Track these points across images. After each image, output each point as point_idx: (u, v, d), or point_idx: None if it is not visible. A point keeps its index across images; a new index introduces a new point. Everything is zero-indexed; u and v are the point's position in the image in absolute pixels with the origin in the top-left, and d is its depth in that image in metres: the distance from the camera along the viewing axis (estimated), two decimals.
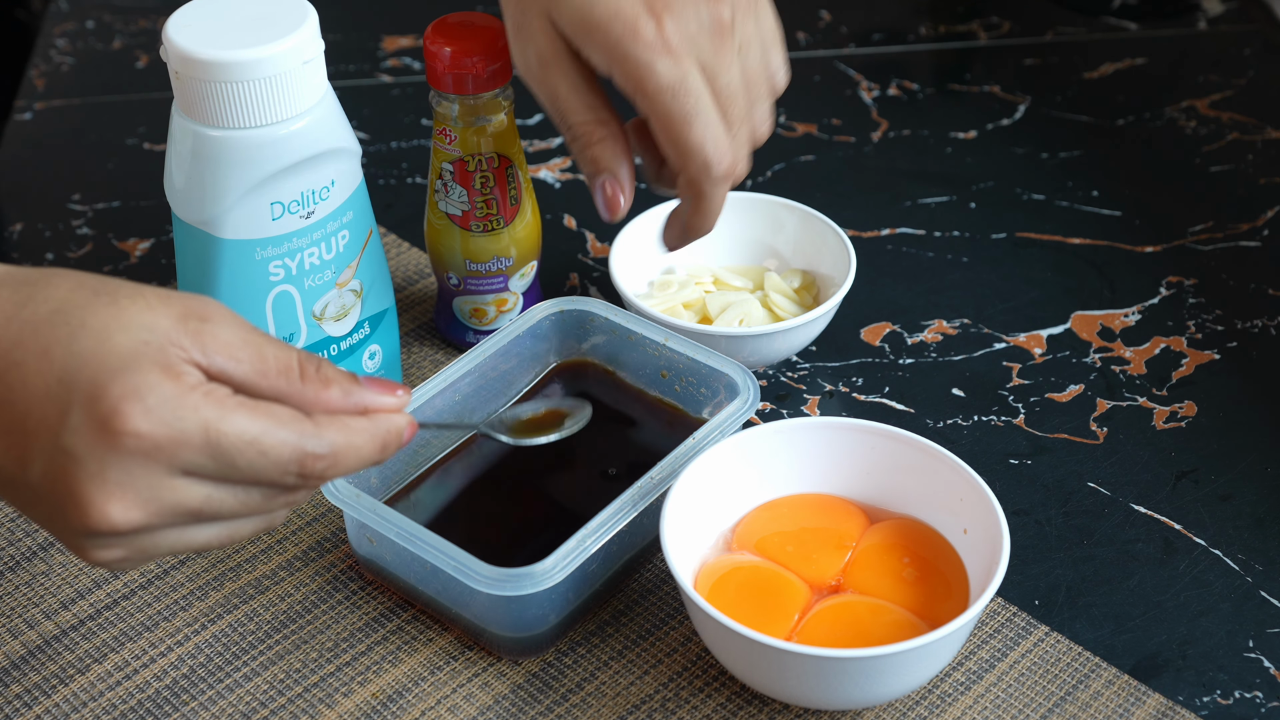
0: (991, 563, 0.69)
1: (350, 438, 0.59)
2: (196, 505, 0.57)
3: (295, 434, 0.57)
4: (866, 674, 0.67)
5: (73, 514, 0.56)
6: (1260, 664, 0.74)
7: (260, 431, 0.56)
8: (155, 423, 0.54)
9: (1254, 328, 0.93)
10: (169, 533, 0.58)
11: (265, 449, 0.56)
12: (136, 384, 0.55)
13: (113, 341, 0.55)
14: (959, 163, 1.07)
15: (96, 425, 0.54)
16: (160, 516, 0.56)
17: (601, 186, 0.76)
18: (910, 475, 0.75)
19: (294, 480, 0.58)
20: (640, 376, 0.84)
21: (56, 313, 0.57)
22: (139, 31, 1.23)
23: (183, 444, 0.55)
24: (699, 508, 0.74)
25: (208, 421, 0.55)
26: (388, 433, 0.60)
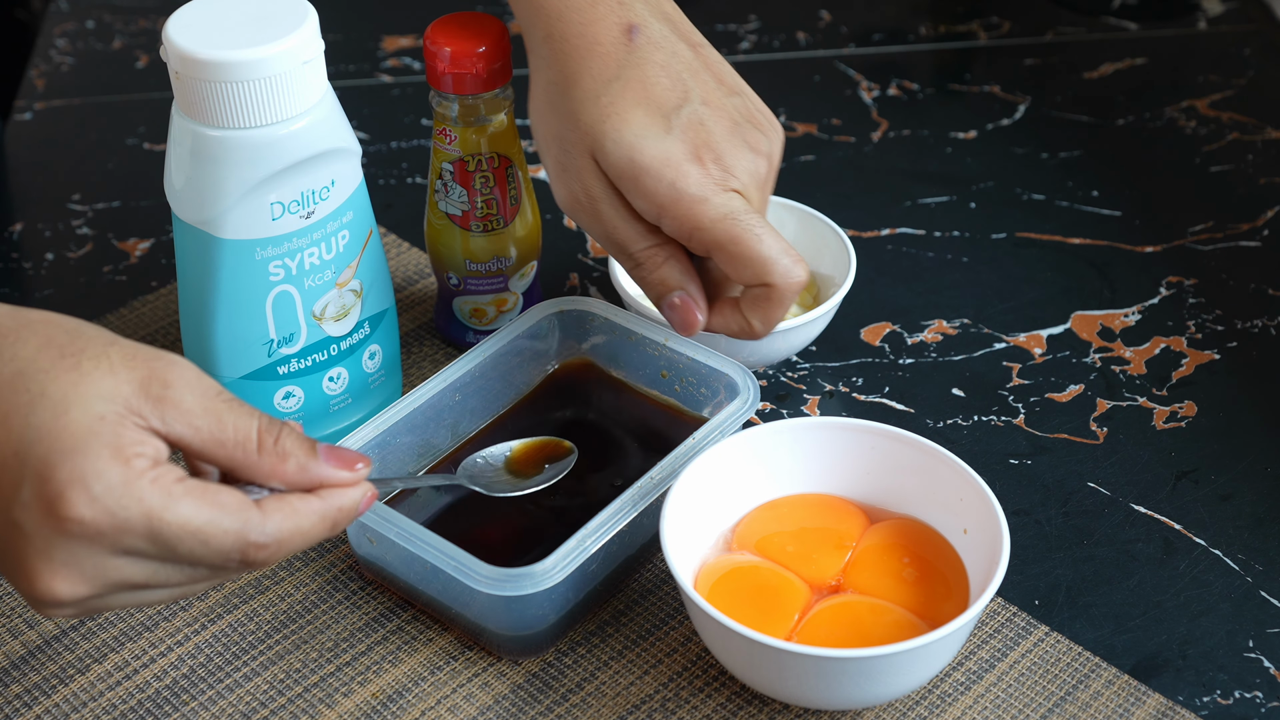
0: (991, 563, 0.69)
1: (297, 522, 0.59)
2: (141, 580, 0.58)
3: (239, 523, 0.58)
4: (866, 674, 0.67)
5: (22, 582, 0.57)
6: (1260, 664, 0.74)
7: (204, 522, 0.57)
8: (99, 511, 0.55)
9: (1254, 328, 0.93)
10: (118, 597, 0.59)
11: (207, 539, 0.57)
12: (84, 470, 0.55)
13: (68, 417, 0.56)
14: (959, 163, 1.07)
15: (43, 506, 0.55)
16: (105, 589, 0.58)
17: (672, 303, 0.75)
18: (910, 475, 0.75)
19: (236, 565, 0.59)
20: (640, 376, 0.84)
21: (19, 376, 0.57)
22: (139, 31, 1.23)
23: (125, 531, 0.56)
24: (699, 508, 0.74)
25: (150, 511, 0.56)
26: (339, 511, 0.61)
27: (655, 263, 0.74)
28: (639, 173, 0.71)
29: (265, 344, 0.78)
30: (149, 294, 0.96)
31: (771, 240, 0.72)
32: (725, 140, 0.73)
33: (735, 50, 1.20)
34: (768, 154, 0.75)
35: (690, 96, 0.73)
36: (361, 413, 0.83)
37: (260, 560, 0.59)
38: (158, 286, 0.97)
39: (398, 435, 0.77)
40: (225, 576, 0.61)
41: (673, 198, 0.71)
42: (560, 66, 0.74)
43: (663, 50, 0.74)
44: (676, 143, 0.72)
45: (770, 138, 0.75)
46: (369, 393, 0.84)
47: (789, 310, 0.75)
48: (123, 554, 0.57)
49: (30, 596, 0.58)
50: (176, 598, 0.61)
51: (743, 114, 0.75)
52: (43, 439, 0.56)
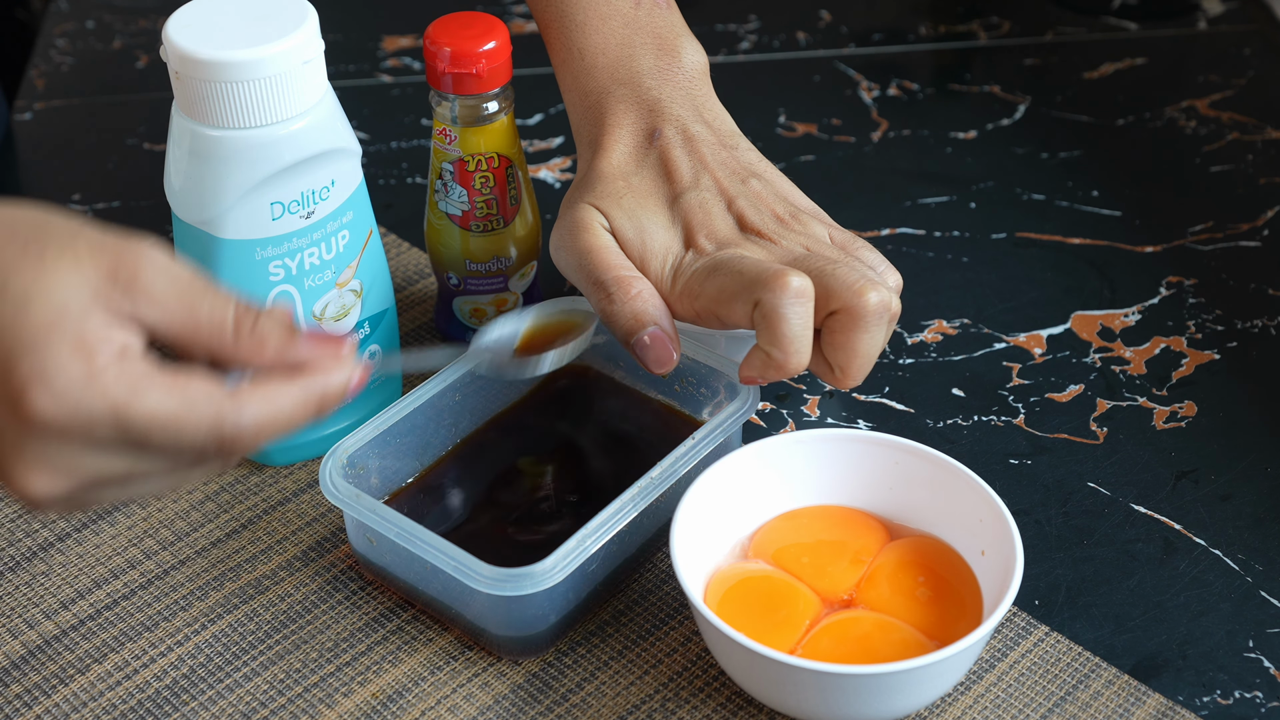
0: (1004, 587, 0.68)
1: (275, 408, 0.57)
2: (121, 472, 0.56)
3: (211, 413, 0.55)
4: (864, 691, 0.66)
5: (4, 480, 0.56)
6: (1260, 664, 0.74)
7: (172, 413, 0.55)
8: (62, 407, 0.54)
9: (1254, 328, 0.93)
10: (106, 490, 0.57)
11: (178, 431, 0.55)
12: (44, 365, 0.54)
13: (29, 311, 0.54)
14: (959, 163, 1.07)
15: (8, 403, 0.54)
16: (84, 484, 0.56)
17: (642, 342, 0.73)
18: (932, 492, 0.75)
19: (215, 455, 0.57)
20: (640, 377, 0.84)
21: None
22: (139, 31, 1.23)
23: (93, 424, 0.54)
24: (714, 514, 0.74)
25: (116, 404, 0.54)
26: (323, 394, 0.58)
27: (628, 292, 0.73)
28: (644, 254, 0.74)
29: None
30: None
31: (755, 258, 0.71)
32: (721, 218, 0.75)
33: (735, 50, 1.20)
34: (769, 202, 0.75)
35: (699, 183, 0.75)
36: (361, 413, 0.83)
37: (240, 448, 0.57)
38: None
39: (398, 435, 0.77)
40: (209, 466, 0.58)
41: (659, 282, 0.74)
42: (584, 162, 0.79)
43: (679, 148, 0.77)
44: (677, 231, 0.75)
45: (768, 178, 0.77)
46: (369, 393, 0.84)
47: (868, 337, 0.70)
48: (96, 449, 0.55)
49: (13, 494, 0.56)
50: (172, 488, 0.59)
51: (741, 175, 0.76)
52: (4, 335, 0.54)
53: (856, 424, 0.86)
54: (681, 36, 0.81)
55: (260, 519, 0.81)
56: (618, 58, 0.79)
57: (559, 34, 0.80)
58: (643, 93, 0.78)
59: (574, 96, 0.80)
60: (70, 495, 0.56)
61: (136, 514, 0.81)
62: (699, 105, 0.79)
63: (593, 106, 0.79)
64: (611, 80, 0.78)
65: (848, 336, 0.69)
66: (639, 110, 0.77)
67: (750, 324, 0.71)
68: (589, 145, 0.79)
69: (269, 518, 0.81)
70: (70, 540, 0.80)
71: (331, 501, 0.73)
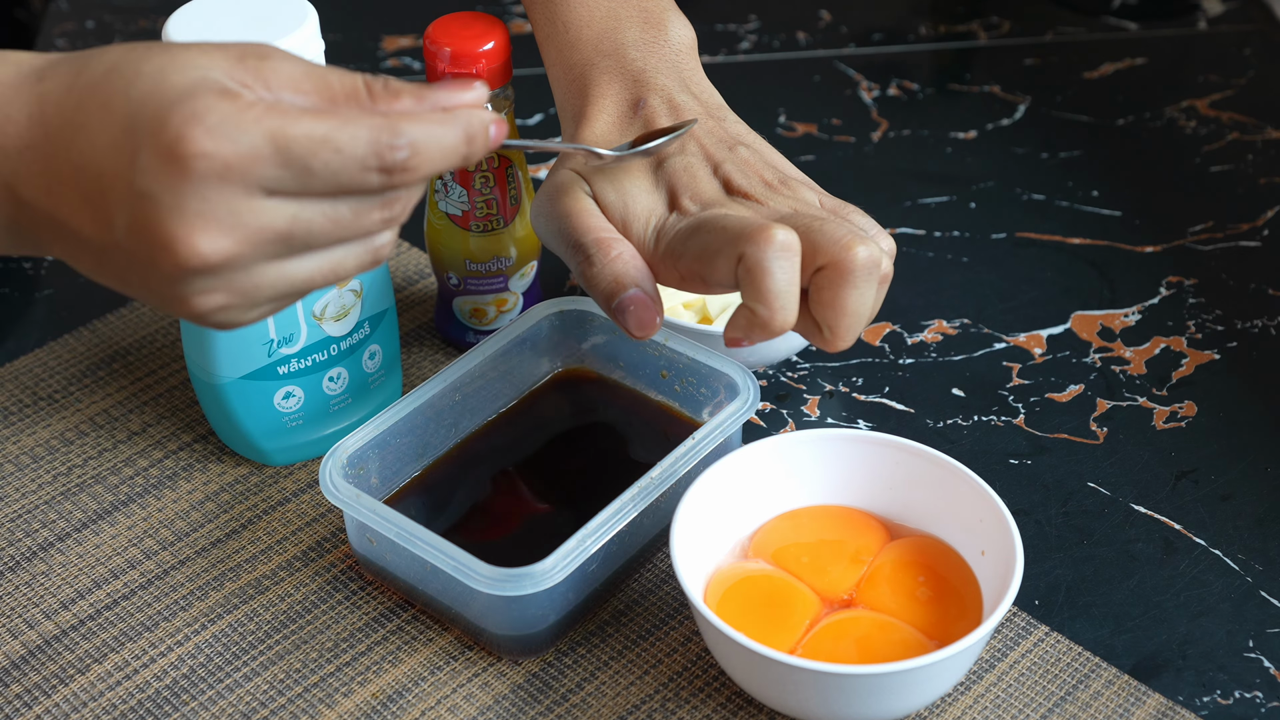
0: (1003, 587, 0.68)
1: (429, 128, 0.56)
2: (284, 225, 0.54)
3: (367, 127, 0.54)
4: (864, 691, 0.66)
5: (163, 259, 0.54)
6: (1260, 664, 0.74)
7: (330, 129, 0.54)
8: (220, 140, 0.52)
9: (1254, 328, 0.93)
10: (267, 267, 0.55)
11: (339, 145, 0.54)
12: (195, 108, 0.53)
13: (170, 80, 0.54)
14: (959, 163, 1.07)
15: (164, 157, 0.53)
16: (249, 243, 0.54)
17: (623, 304, 0.69)
18: (932, 492, 0.75)
19: (377, 179, 0.55)
20: (640, 376, 0.84)
21: (112, 69, 0.55)
22: (139, 31, 1.23)
23: (254, 157, 0.53)
24: (714, 514, 0.74)
25: (273, 130, 0.53)
26: (469, 124, 0.57)
27: (608, 253, 0.70)
28: (627, 219, 0.72)
29: (265, 344, 0.78)
30: None
31: (740, 215, 0.69)
32: (707, 181, 0.72)
33: (735, 50, 1.20)
34: (757, 167, 0.73)
35: (685, 149, 0.73)
36: (361, 413, 0.83)
37: (400, 164, 0.55)
38: None
39: (398, 435, 0.77)
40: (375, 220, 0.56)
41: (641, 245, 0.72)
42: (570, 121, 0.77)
43: (665, 118, 0.75)
44: (661, 195, 0.72)
45: (756, 147, 0.75)
46: (369, 393, 0.84)
47: (857, 294, 0.66)
48: (259, 191, 0.54)
49: (175, 270, 0.54)
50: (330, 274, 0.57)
51: (728, 143, 0.74)
52: (148, 103, 0.53)
53: (856, 424, 0.86)
54: (669, 11, 0.79)
55: (260, 519, 0.81)
56: (602, 30, 0.77)
57: (543, 7, 0.79)
58: (627, 64, 0.76)
59: (558, 70, 0.78)
60: (233, 260, 0.54)
61: (136, 514, 0.81)
62: (685, 78, 0.77)
63: (577, 79, 0.77)
64: (596, 52, 0.77)
65: (835, 293, 0.66)
66: (624, 81, 0.76)
67: (735, 282, 0.67)
68: (572, 118, 0.77)
69: (269, 518, 0.81)
70: (70, 540, 0.80)
71: (331, 501, 0.73)
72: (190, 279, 0.54)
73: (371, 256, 0.58)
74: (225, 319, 0.57)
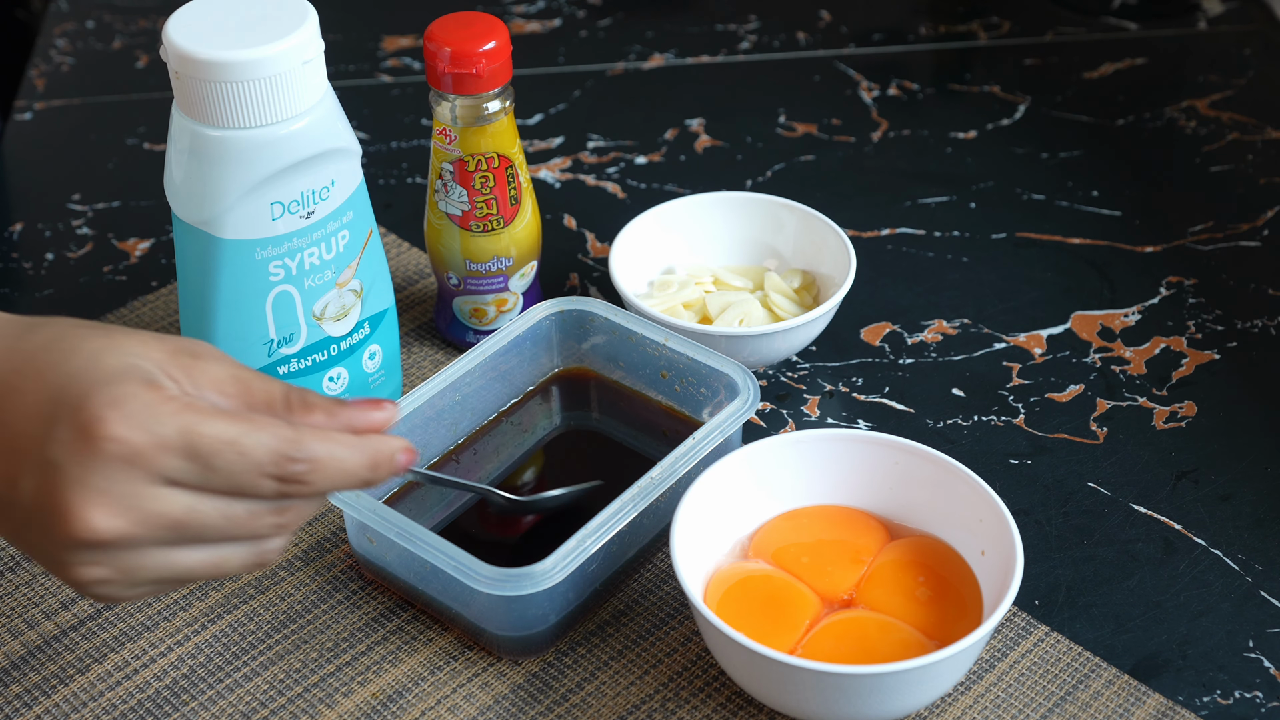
0: (1004, 587, 0.68)
1: (332, 448, 0.58)
2: (179, 515, 0.57)
3: (273, 437, 0.57)
4: (864, 691, 0.66)
5: (57, 526, 0.56)
6: (1260, 664, 0.74)
7: (238, 434, 0.57)
8: (134, 427, 0.55)
9: (1254, 328, 0.93)
10: (153, 552, 0.58)
11: (243, 449, 0.57)
12: (118, 394, 0.56)
13: (102, 362, 0.57)
14: (959, 163, 1.07)
15: (78, 433, 0.55)
16: (142, 526, 0.56)
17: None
18: (932, 492, 0.75)
19: (272, 486, 0.58)
20: (640, 376, 0.84)
21: (54, 340, 0.58)
22: (139, 31, 1.23)
23: (161, 448, 0.56)
24: (714, 514, 0.74)
25: (186, 425, 0.56)
26: (375, 452, 0.60)
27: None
28: None
29: (265, 344, 0.78)
30: (149, 294, 0.96)
31: None
32: None
33: (735, 50, 1.20)
34: None
35: None
36: None
37: (297, 476, 0.57)
38: (158, 286, 0.97)
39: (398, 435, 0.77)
40: (267, 525, 0.59)
41: None
42: None
43: None
44: None
45: None
46: (369, 393, 0.84)
47: None
48: (160, 479, 0.56)
49: (67, 538, 0.56)
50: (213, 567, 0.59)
51: None
52: (78, 380, 0.56)
53: (856, 424, 0.86)
54: None
55: None
56: None
57: None
58: None
59: None
60: (125, 539, 0.56)
61: None
62: None
63: None
64: None
65: None
66: None
67: None
68: None
69: None
70: None
71: (331, 501, 0.73)
72: (78, 550, 0.57)
73: (257, 558, 0.60)
74: (104, 592, 0.59)
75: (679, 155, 1.09)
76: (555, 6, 1.25)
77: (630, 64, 1.19)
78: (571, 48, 1.21)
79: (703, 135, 1.10)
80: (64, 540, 0.56)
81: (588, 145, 1.09)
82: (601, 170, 1.07)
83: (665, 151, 1.09)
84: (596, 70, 1.18)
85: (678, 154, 1.09)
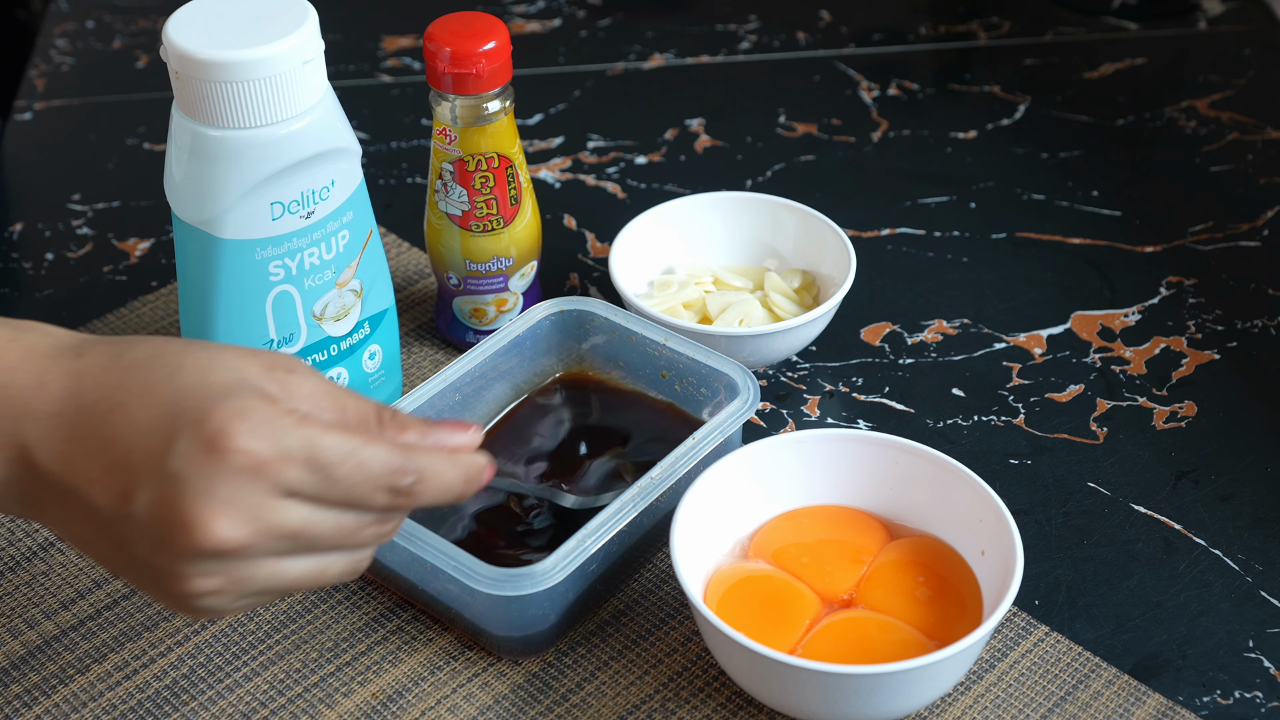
0: (1004, 587, 0.68)
1: (436, 463, 0.61)
2: (296, 526, 0.58)
3: (386, 450, 0.59)
4: (864, 691, 0.66)
5: (179, 536, 0.57)
6: (1260, 664, 0.74)
7: (355, 446, 0.58)
8: (260, 439, 0.57)
9: (1254, 328, 0.93)
10: (266, 563, 0.59)
11: (362, 461, 0.58)
12: (241, 407, 0.57)
13: (212, 376, 0.58)
14: (959, 163, 1.07)
15: (204, 446, 0.56)
16: (262, 536, 0.57)
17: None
18: (931, 492, 0.75)
19: (385, 498, 0.59)
20: (640, 377, 0.84)
21: (154, 357, 0.59)
22: (139, 31, 1.23)
23: (286, 459, 0.57)
24: (714, 514, 0.74)
25: (308, 438, 0.58)
26: (469, 467, 0.62)
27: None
28: None
29: (265, 344, 0.78)
30: (149, 294, 0.96)
31: None
32: None
33: (735, 50, 1.20)
34: None
35: None
36: None
37: (407, 489, 0.60)
38: (158, 286, 0.97)
39: None
40: (369, 535, 0.60)
41: None
42: None
43: None
44: None
45: None
46: (369, 393, 0.84)
47: None
48: (280, 491, 0.57)
49: (189, 548, 0.57)
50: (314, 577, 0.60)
51: None
52: (192, 394, 0.58)
53: (856, 424, 0.86)
54: None
55: None
56: None
57: None
58: None
59: None
60: (245, 548, 0.57)
61: None
62: None
63: None
64: None
65: None
66: None
67: None
68: None
69: None
70: None
71: None
72: (198, 560, 0.58)
73: (353, 567, 0.62)
74: (212, 604, 0.60)
75: (679, 155, 1.09)
76: (555, 6, 1.25)
77: (630, 64, 1.19)
78: (571, 48, 1.21)
79: (703, 135, 1.10)
80: (185, 551, 0.57)
81: (588, 145, 1.09)
82: (601, 170, 1.07)
83: (665, 151, 1.09)
84: (596, 70, 1.18)
85: (678, 154, 1.09)
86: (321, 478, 0.58)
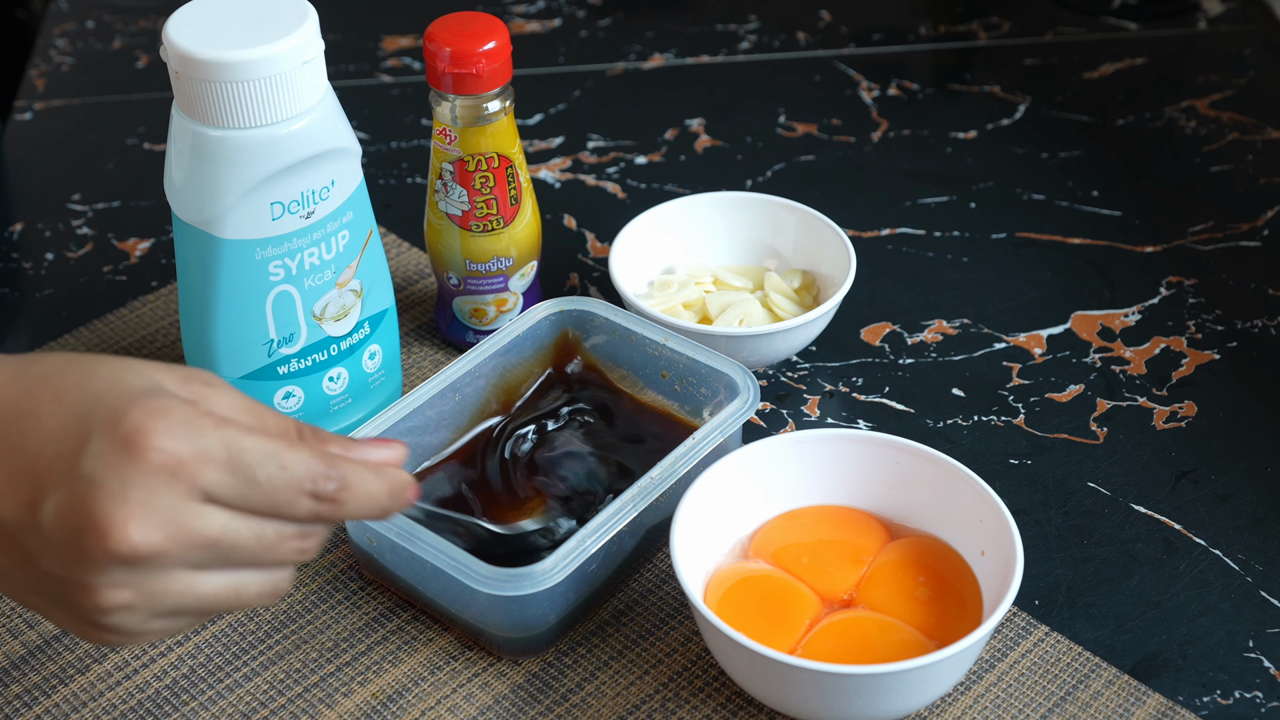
0: (1003, 587, 0.68)
1: (361, 473, 0.59)
2: (214, 533, 0.56)
3: (310, 455, 0.57)
4: (864, 691, 0.66)
5: (90, 541, 0.54)
6: (1260, 664, 0.74)
7: (278, 449, 0.57)
8: (178, 439, 0.55)
9: (1254, 328, 0.93)
10: (180, 575, 0.56)
11: (285, 463, 0.56)
12: (158, 406, 0.55)
13: (127, 381, 0.56)
14: (959, 163, 1.07)
15: (119, 445, 0.54)
16: (177, 543, 0.55)
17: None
18: (932, 492, 0.75)
19: (308, 505, 0.57)
20: (640, 376, 0.84)
21: (64, 365, 0.57)
22: (139, 31, 1.23)
23: (206, 460, 0.55)
24: (714, 514, 0.74)
25: (229, 439, 0.56)
26: (394, 481, 0.60)
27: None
28: None
29: (265, 344, 0.78)
30: (149, 294, 0.96)
31: None
32: None
33: (735, 50, 1.20)
34: None
35: None
36: (361, 413, 0.83)
37: (332, 499, 0.57)
38: (158, 286, 0.97)
39: (398, 435, 0.77)
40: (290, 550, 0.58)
41: None
42: None
43: None
44: None
45: None
46: (369, 393, 0.84)
47: None
48: (199, 494, 0.55)
49: (100, 554, 0.54)
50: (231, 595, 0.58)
51: None
52: (106, 396, 0.56)
53: (856, 424, 0.87)
54: None
55: None
56: None
57: None
58: None
59: None
60: (160, 555, 0.55)
61: None
62: None
63: None
64: None
65: None
66: None
67: None
68: None
69: None
70: None
71: None
72: (110, 568, 0.55)
73: (273, 588, 0.60)
74: (122, 621, 0.57)
75: (679, 155, 1.09)
76: (555, 6, 1.25)
77: (630, 64, 1.19)
78: (571, 48, 1.21)
79: (703, 135, 1.10)
80: (97, 557, 0.55)
81: (588, 145, 1.09)
82: (601, 170, 1.07)
83: (665, 151, 1.09)
84: (596, 70, 1.18)
85: (678, 154, 1.09)
86: (242, 480, 0.56)
